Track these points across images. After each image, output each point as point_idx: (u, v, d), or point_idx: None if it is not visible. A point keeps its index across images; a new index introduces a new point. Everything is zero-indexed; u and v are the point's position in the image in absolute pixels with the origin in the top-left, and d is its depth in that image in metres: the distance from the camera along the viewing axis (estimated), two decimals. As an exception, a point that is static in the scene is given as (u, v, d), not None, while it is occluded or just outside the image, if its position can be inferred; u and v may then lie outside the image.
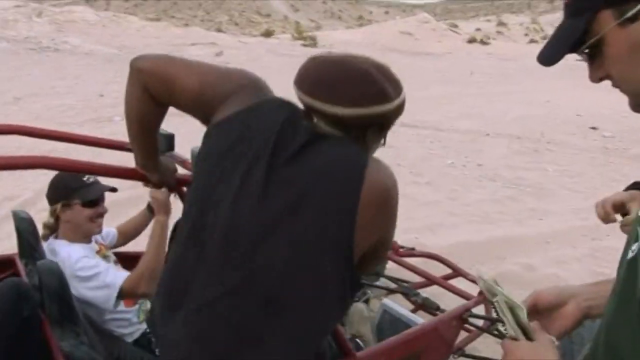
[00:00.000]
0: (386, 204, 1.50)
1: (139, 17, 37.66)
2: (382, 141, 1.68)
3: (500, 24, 71.91)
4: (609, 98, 16.28)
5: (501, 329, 1.26)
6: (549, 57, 1.15)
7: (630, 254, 0.96)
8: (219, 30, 50.84)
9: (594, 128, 12.05)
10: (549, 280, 4.79)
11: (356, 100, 1.52)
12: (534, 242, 5.82)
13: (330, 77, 1.54)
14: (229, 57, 21.08)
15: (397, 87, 1.60)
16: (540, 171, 8.61)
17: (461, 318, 2.66)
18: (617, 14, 1.04)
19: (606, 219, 1.87)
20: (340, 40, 31.51)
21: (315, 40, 29.82)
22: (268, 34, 36.54)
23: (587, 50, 1.10)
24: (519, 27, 73.18)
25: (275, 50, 23.66)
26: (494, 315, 1.43)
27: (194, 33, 30.07)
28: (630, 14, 1.02)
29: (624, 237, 1.58)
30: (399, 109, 1.60)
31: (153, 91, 1.65)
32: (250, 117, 1.57)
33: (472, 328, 2.84)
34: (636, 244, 0.95)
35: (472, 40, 35.64)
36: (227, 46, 24.87)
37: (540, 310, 1.35)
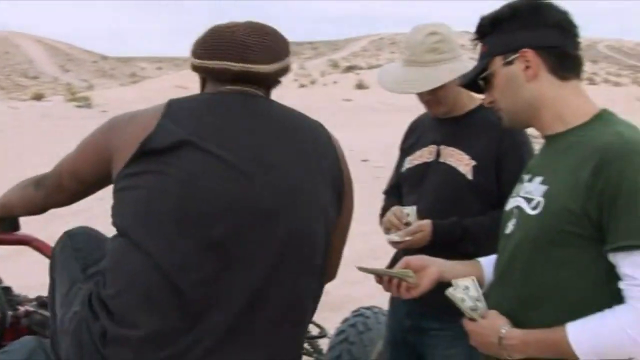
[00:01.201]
0: None
1: None
2: None
3: (270, 71, 74.59)
4: (377, 134, 17.82)
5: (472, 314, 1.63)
6: (467, 80, 1.77)
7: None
8: (-19, 96, 47.32)
9: (365, 160, 13.14)
10: (344, 300, 5.26)
11: (277, 55, 1.70)
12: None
13: (250, 39, 1.67)
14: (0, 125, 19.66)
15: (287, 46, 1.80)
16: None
17: None
18: (503, 59, 1.64)
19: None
20: (115, 98, 30.93)
21: (89, 100, 28.98)
22: (38, 96, 34.78)
23: (482, 80, 1.70)
24: (289, 74, 76.63)
25: (50, 114, 22.61)
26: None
27: (-47, 101, 27.79)
28: (509, 59, 1.63)
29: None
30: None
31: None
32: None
33: None
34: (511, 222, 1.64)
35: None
36: (-6, 112, 23.28)
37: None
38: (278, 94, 1.84)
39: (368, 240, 7.13)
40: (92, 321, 1.60)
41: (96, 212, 6.70)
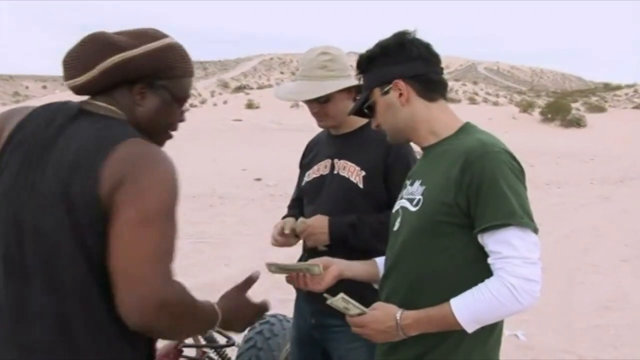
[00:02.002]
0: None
1: None
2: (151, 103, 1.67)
3: (159, 90, 73.31)
4: (269, 153, 18.08)
5: (351, 313, 1.84)
6: (353, 110, 2.07)
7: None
8: None
9: (258, 179, 13.32)
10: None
11: (87, 63, 1.62)
12: (225, 285, 6.34)
13: (67, 56, 1.67)
14: None
15: (136, 38, 1.65)
16: (219, 223, 9.36)
17: (176, 348, 2.77)
18: (381, 90, 1.94)
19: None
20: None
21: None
22: None
23: (367, 109, 2.00)
24: (177, 93, 75.34)
25: None
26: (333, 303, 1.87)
27: None
28: (385, 89, 1.93)
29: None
30: (144, 58, 1.63)
31: None
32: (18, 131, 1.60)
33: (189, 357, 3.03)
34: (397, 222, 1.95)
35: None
36: None
37: None
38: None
39: (265, 257, 7.29)
40: None
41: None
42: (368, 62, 1.96)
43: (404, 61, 1.92)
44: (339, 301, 1.88)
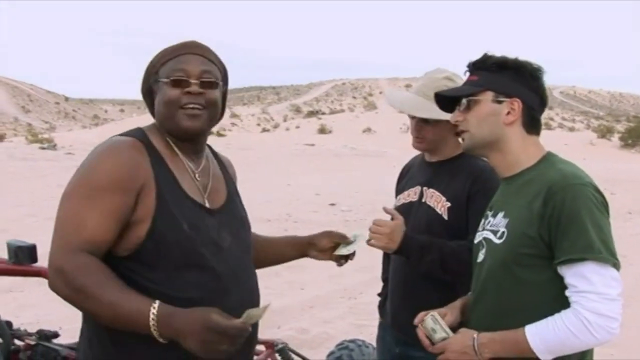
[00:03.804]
0: None
1: None
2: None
3: (234, 115, 75.19)
4: (342, 178, 18.13)
5: (437, 336, 1.95)
6: (454, 93, 2.06)
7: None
8: None
9: (332, 204, 13.42)
10: (321, 338, 5.50)
11: None
12: (300, 309, 6.52)
13: None
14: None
15: None
16: (294, 247, 9.44)
17: None
18: (495, 96, 1.95)
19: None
20: (77, 140, 30.82)
21: (52, 141, 28.81)
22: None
23: (465, 101, 1.97)
24: (252, 118, 77.02)
25: (14, 155, 22.31)
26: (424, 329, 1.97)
27: None
28: (500, 99, 1.93)
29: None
30: (147, 71, 1.98)
31: None
32: None
33: None
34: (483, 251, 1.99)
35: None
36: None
37: None
38: (242, 138, 2.04)
39: (339, 282, 7.41)
40: None
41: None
42: (498, 66, 1.98)
43: (530, 89, 1.96)
44: (429, 320, 1.96)
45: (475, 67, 2.01)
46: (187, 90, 1.82)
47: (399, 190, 2.83)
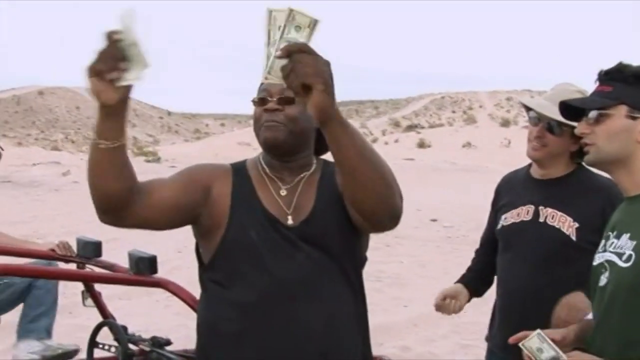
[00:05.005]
0: None
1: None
2: None
3: (332, 129, 75.42)
4: (443, 193, 17.86)
5: (544, 356, 1.80)
6: (586, 103, 1.90)
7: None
8: (55, 148, 49.36)
9: (434, 220, 13.25)
10: (424, 357, 5.40)
11: None
12: (404, 327, 6.44)
13: None
14: (77, 175, 20.22)
15: None
16: (396, 263, 9.41)
17: None
18: (630, 111, 1.78)
19: (440, 308, 2.74)
20: (180, 153, 31.92)
21: (157, 155, 30.00)
22: (107, 151, 36.03)
23: (597, 113, 1.81)
24: (350, 132, 76.96)
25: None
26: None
27: (34, 153, 29.22)
28: (635, 115, 1.78)
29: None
30: None
31: None
32: None
33: None
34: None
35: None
36: (71, 164, 24.20)
37: None
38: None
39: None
40: None
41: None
42: (635, 77, 1.82)
43: None
44: (534, 339, 1.82)
45: (609, 76, 1.85)
46: (265, 108, 1.89)
47: (501, 209, 2.69)
